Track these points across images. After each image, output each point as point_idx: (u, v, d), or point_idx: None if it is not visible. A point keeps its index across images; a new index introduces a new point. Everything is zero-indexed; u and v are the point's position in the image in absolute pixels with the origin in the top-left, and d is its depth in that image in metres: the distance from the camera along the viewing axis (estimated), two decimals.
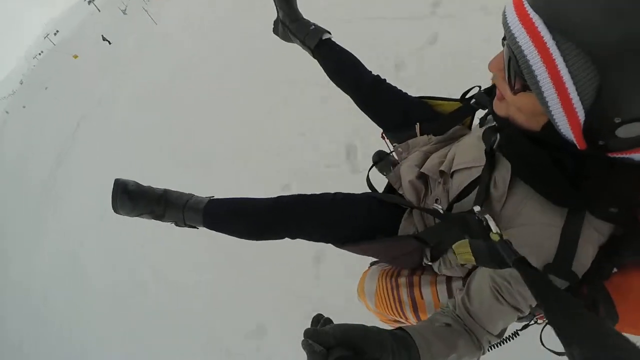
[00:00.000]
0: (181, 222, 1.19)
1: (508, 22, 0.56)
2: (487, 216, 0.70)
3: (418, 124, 1.14)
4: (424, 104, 1.21)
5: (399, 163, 1.13)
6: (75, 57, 7.91)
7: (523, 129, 0.65)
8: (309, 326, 0.56)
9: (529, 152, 0.66)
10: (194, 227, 1.22)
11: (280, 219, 1.08)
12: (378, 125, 1.29)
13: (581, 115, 0.53)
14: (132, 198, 1.14)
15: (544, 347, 0.86)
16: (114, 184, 1.16)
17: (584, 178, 0.61)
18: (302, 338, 0.52)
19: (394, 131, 1.23)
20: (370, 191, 1.18)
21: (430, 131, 1.12)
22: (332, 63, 1.33)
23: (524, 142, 0.66)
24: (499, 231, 0.67)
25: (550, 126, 0.59)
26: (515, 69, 0.57)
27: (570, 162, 0.62)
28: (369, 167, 1.30)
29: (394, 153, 1.20)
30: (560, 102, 0.53)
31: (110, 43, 9.33)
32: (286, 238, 1.11)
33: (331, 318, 0.59)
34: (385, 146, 1.30)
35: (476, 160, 0.82)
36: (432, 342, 0.65)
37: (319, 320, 0.59)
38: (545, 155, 0.63)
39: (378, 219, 1.01)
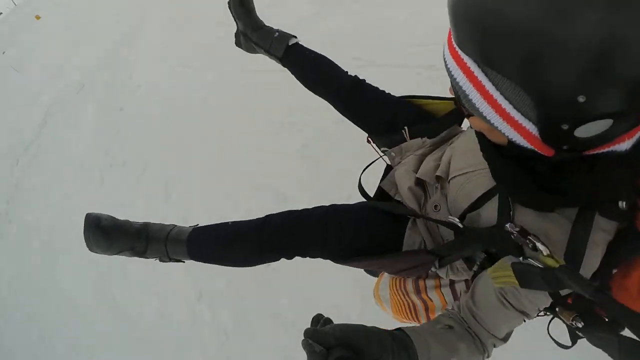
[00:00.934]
0: (165, 257, 1.07)
1: (444, 58, 0.58)
2: (532, 238, 0.62)
3: (406, 128, 1.08)
4: (409, 104, 1.15)
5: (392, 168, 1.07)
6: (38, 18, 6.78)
7: (495, 143, 0.65)
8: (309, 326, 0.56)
9: (500, 165, 0.67)
10: (180, 261, 1.10)
11: (273, 240, 0.98)
12: (362, 129, 1.20)
13: (532, 128, 0.53)
14: (107, 235, 1.02)
15: (551, 337, 0.87)
16: (85, 220, 1.04)
17: (563, 179, 0.61)
18: (303, 338, 0.53)
19: (381, 135, 1.15)
20: (365, 200, 1.10)
21: (423, 133, 1.06)
22: (304, 70, 1.25)
23: (494, 155, 0.67)
24: (551, 254, 0.61)
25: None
26: (458, 98, 0.58)
27: (541, 167, 0.61)
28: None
29: (385, 157, 1.12)
30: (506, 122, 0.54)
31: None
32: (282, 259, 1.02)
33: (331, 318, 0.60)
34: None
35: (473, 166, 0.79)
36: (431, 345, 0.65)
37: (319, 320, 0.60)
38: (511, 165, 0.63)
39: (378, 230, 0.95)
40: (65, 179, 3.09)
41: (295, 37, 1.26)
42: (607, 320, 0.73)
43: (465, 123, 0.88)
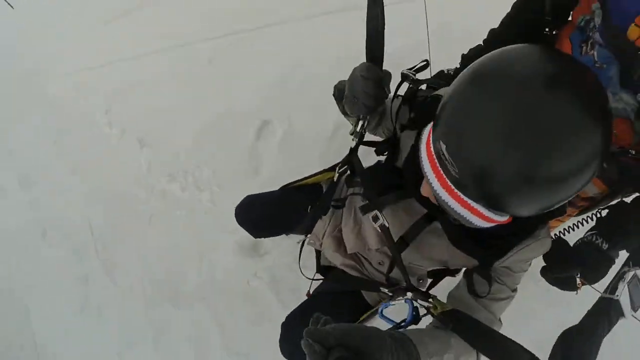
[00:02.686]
0: None
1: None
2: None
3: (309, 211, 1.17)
4: (294, 190, 1.25)
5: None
6: None
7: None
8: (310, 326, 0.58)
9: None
10: None
11: None
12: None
13: (482, 209, 0.63)
14: None
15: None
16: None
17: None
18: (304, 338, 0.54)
19: (295, 231, 1.32)
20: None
21: (321, 212, 1.14)
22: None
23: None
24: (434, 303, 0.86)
25: None
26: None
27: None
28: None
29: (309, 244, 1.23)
30: (461, 206, 0.65)
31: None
32: None
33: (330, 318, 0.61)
34: None
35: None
36: (427, 342, 0.69)
37: (319, 320, 0.60)
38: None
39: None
40: None
41: None
42: None
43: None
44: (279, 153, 2.05)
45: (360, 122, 0.93)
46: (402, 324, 0.83)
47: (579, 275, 0.87)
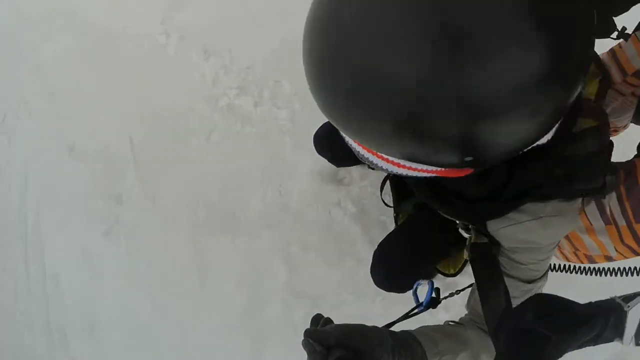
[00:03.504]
0: None
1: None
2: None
3: None
4: None
5: None
6: None
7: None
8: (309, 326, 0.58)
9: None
10: None
11: None
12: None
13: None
14: None
15: None
16: None
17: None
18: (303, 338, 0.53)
19: None
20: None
21: None
22: None
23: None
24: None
25: None
26: None
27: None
28: None
29: None
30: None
31: None
32: None
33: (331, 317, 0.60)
34: None
35: None
36: (437, 339, 0.65)
37: (319, 320, 0.60)
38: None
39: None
40: None
41: None
42: None
43: None
44: None
45: None
46: (417, 309, 0.77)
47: None
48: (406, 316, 0.76)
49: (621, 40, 0.64)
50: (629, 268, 0.79)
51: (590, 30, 0.43)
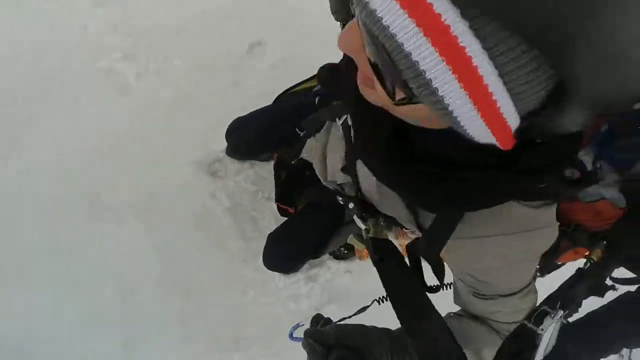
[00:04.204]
0: None
1: (377, 12, 0.32)
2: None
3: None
4: (289, 97, 1.21)
5: None
6: None
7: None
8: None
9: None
10: None
11: None
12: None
13: (514, 123, 0.36)
14: None
15: None
16: None
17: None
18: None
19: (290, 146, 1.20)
20: None
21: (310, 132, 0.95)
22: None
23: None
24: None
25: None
26: (392, 76, 0.36)
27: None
28: None
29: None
30: (483, 121, 0.35)
31: None
32: None
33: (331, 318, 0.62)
34: None
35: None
36: None
37: (319, 321, 0.61)
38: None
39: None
40: None
41: None
42: None
43: None
44: (266, 78, 1.79)
45: None
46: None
47: None
48: (363, 309, 0.72)
49: None
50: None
51: None
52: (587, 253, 0.70)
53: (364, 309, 0.72)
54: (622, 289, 0.73)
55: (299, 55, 1.76)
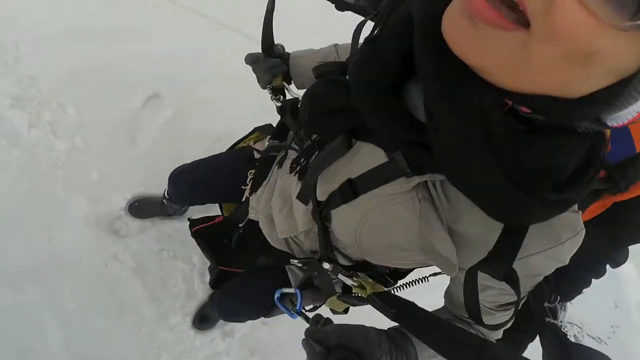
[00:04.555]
0: None
1: None
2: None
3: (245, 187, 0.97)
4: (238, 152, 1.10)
5: None
6: None
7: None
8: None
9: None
10: None
11: None
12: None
13: None
14: None
15: None
16: None
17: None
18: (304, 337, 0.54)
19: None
20: None
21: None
22: None
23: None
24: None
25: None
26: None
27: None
28: None
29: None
30: None
31: None
32: None
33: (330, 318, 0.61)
34: None
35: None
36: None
37: (319, 321, 0.60)
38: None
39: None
40: None
41: None
42: None
43: None
44: (162, 133, 1.72)
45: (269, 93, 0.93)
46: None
47: None
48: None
49: None
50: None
51: None
52: None
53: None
54: None
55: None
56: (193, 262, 1.60)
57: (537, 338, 1.07)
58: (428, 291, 0.82)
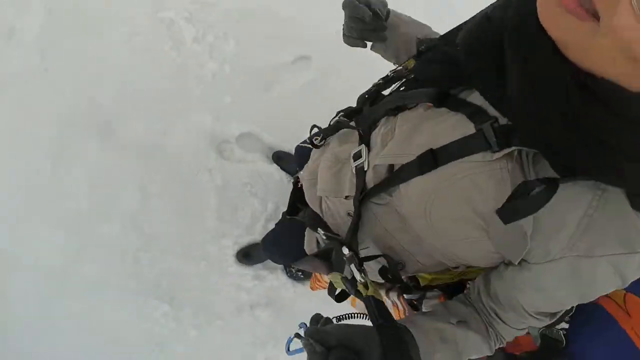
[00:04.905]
0: None
1: None
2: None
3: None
4: None
5: None
6: None
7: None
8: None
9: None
10: None
11: None
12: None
13: None
14: None
15: None
16: None
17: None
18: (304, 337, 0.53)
19: None
20: None
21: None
22: None
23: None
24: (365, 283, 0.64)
25: None
26: None
27: None
28: None
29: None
30: None
31: None
32: None
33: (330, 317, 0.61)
34: None
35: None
36: (437, 349, 0.62)
37: (319, 320, 0.59)
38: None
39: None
40: None
41: None
42: None
43: None
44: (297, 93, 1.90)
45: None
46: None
47: None
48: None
49: None
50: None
51: None
52: None
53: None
54: None
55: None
56: (267, 206, 1.78)
57: None
58: None
